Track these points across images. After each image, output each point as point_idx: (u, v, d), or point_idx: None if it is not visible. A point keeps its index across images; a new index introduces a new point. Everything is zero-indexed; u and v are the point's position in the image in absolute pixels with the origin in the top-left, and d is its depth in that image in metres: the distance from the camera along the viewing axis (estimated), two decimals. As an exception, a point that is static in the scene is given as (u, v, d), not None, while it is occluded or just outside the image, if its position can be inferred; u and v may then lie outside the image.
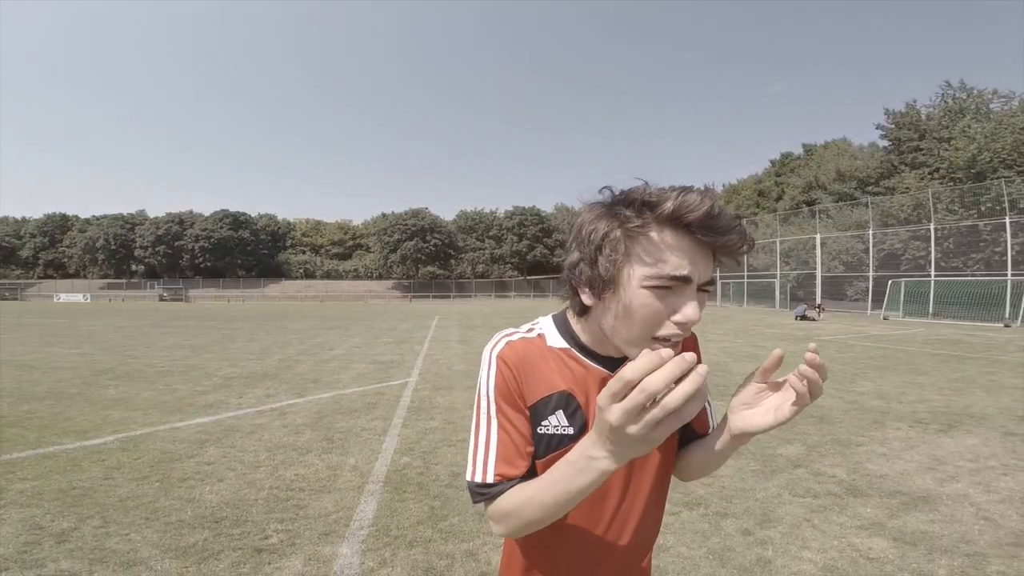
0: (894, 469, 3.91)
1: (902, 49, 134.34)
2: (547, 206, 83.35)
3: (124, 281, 68.91)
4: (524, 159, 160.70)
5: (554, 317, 0.95)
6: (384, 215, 72.28)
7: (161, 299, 54.84)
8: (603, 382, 0.80)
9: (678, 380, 0.54)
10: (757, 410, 0.77)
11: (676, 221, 0.69)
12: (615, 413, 0.58)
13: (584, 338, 0.89)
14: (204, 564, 2.57)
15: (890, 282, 23.87)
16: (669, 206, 0.68)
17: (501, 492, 0.82)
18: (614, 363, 0.86)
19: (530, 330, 0.93)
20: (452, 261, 68.65)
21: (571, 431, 0.85)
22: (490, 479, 0.83)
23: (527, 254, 67.98)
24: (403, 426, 5.20)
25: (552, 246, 68.03)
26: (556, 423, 0.86)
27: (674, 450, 0.96)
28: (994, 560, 2.59)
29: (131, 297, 59.26)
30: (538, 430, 0.86)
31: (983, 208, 23.26)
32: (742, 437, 0.80)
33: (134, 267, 69.86)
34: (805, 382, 0.71)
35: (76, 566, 2.55)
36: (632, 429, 0.57)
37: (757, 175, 53.65)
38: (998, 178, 22.93)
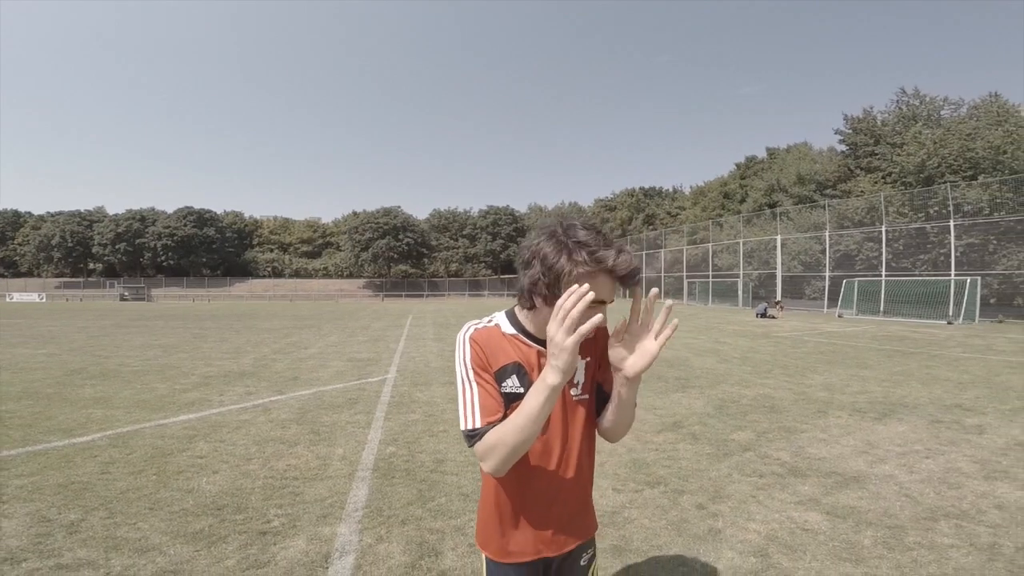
0: (832, 453, 4.37)
1: (867, 56, 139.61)
2: (521, 206, 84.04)
3: (82, 280, 66.46)
4: (498, 160, 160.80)
5: (506, 312, 1.32)
6: (355, 213, 71.55)
7: (122, 298, 53.15)
8: (540, 355, 1.23)
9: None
10: (635, 356, 1.15)
11: (611, 273, 1.09)
12: (553, 327, 1.01)
13: (529, 327, 1.26)
14: (214, 547, 2.80)
15: (844, 281, 25.06)
16: (609, 264, 1.07)
17: (487, 432, 1.15)
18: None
19: (489, 320, 1.30)
20: (425, 260, 68.41)
21: (522, 390, 1.21)
22: (479, 424, 1.16)
23: (501, 253, 68.27)
24: (385, 419, 5.46)
25: (525, 245, 68.45)
26: (512, 384, 1.22)
27: (594, 414, 1.34)
28: (911, 532, 2.97)
29: (90, 296, 57.23)
30: (502, 388, 1.21)
31: (931, 211, 24.58)
32: (635, 378, 1.17)
33: (92, 265, 67.42)
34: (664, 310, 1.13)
35: (92, 554, 2.73)
36: (565, 339, 0.98)
37: (723, 177, 55.12)
38: (944, 183, 24.26)
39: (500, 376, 1.22)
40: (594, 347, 1.32)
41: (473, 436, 1.17)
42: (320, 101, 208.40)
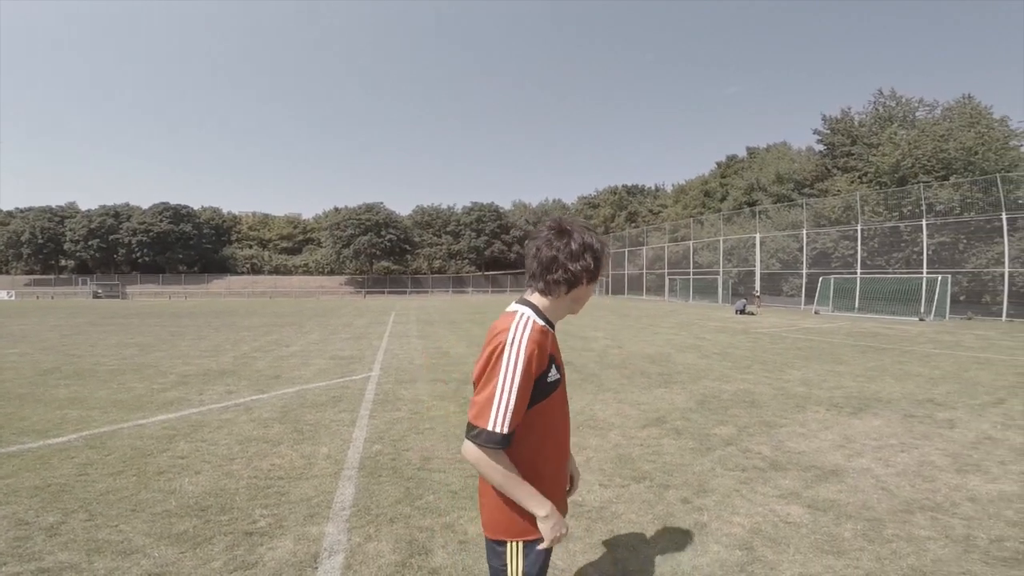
0: (810, 447, 4.47)
1: (848, 57, 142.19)
2: (505, 203, 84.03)
3: (52, 277, 64.64)
4: (483, 157, 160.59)
5: (526, 305, 1.44)
6: (337, 209, 70.69)
7: (95, 296, 51.83)
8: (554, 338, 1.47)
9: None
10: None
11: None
12: (559, 527, 1.36)
13: (550, 315, 1.45)
14: (199, 548, 2.76)
15: (821, 279, 25.58)
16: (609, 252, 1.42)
17: (507, 444, 1.28)
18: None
19: (528, 318, 1.39)
20: (408, 256, 67.88)
21: (558, 377, 1.42)
22: (507, 430, 1.27)
23: (485, 250, 68.09)
24: (370, 417, 5.43)
25: (510, 242, 68.32)
26: (552, 374, 1.39)
27: None
28: (889, 524, 3.04)
29: (61, 294, 55.68)
30: (547, 379, 1.37)
31: (904, 211, 25.18)
32: None
33: (64, 262, 65.62)
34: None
35: (74, 557, 2.67)
36: (553, 535, 1.35)
37: (704, 176, 55.72)
38: (918, 183, 24.85)
39: (548, 368, 1.37)
40: (554, 347, 1.51)
41: (498, 440, 1.26)
42: (301, 96, 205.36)
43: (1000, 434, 4.81)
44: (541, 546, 1.37)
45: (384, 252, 63.35)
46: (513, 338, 1.31)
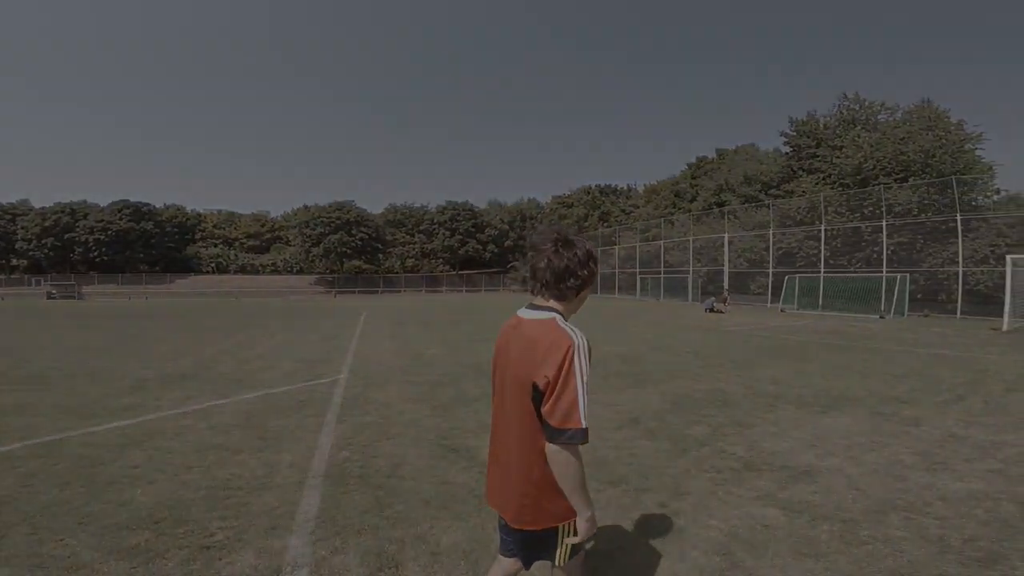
0: (783, 446, 4.48)
1: (817, 59, 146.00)
2: (480, 202, 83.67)
3: (3, 277, 61.50)
4: (457, 156, 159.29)
5: (555, 311, 1.62)
6: (306, 207, 69.23)
7: (49, 296, 49.49)
8: None
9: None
10: None
11: None
12: (592, 526, 1.59)
13: (567, 317, 1.64)
14: (152, 563, 2.58)
15: (787, 278, 26.20)
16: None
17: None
18: None
19: (568, 323, 1.59)
20: (380, 255, 66.86)
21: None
22: (586, 424, 1.49)
23: (459, 249, 67.50)
24: (337, 422, 5.25)
25: (485, 241, 67.97)
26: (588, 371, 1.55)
27: None
28: (864, 525, 3.03)
29: (12, 295, 53.00)
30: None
31: (865, 211, 25.94)
32: None
33: (15, 262, 62.60)
34: None
35: (15, 574, 2.48)
36: (588, 533, 1.60)
37: (675, 177, 56.46)
38: (878, 184, 25.67)
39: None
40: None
41: (585, 436, 1.48)
42: (269, 91, 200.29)
43: (963, 431, 4.91)
44: (573, 541, 1.62)
45: (355, 251, 62.23)
46: (579, 344, 1.50)
